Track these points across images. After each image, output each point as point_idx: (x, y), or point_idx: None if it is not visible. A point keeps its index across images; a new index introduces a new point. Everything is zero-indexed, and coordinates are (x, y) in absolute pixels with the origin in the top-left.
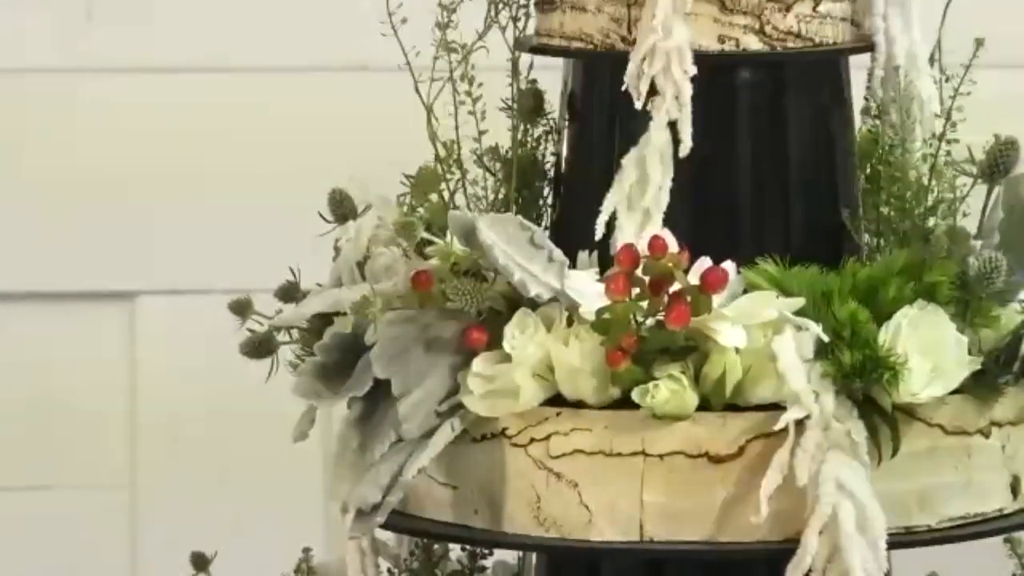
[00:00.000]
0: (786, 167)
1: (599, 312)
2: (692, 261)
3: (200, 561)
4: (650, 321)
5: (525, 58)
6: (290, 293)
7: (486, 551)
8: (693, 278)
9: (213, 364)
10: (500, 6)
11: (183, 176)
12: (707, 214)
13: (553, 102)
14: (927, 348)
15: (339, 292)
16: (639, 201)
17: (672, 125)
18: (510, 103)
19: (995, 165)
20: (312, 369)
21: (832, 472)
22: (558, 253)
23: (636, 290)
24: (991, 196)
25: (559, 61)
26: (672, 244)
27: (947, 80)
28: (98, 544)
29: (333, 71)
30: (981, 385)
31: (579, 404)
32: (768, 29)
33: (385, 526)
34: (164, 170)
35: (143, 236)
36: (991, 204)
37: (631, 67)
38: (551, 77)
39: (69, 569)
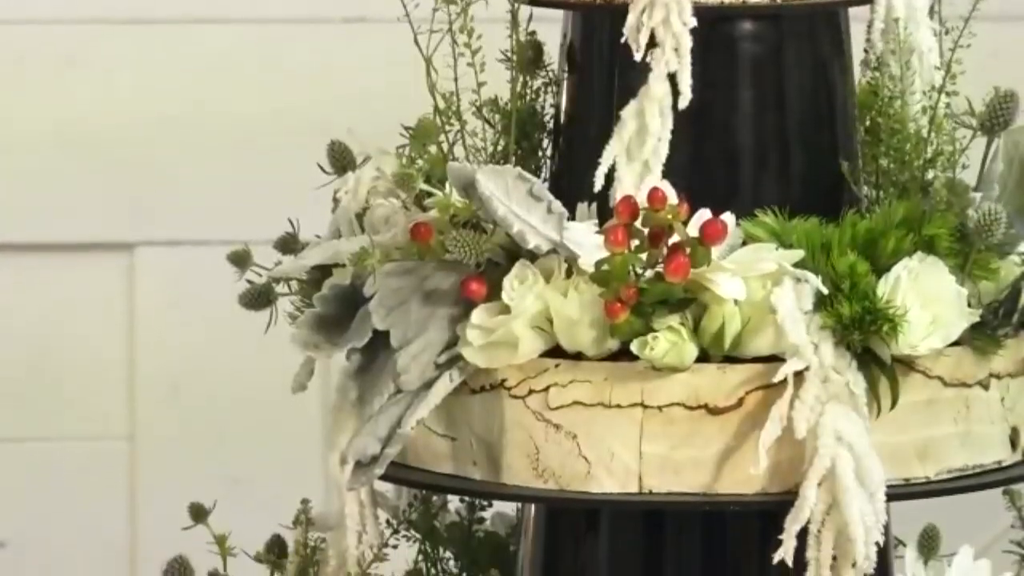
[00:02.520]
0: (785, 119)
1: (598, 264)
2: (691, 213)
3: (199, 512)
4: (649, 273)
5: (524, 9)
6: (289, 244)
7: (485, 502)
8: (692, 230)
9: (212, 315)
10: None
11: (182, 128)
12: (706, 166)
13: (552, 54)
14: (926, 300)
15: (338, 244)
16: (638, 153)
17: (671, 77)
18: (509, 55)
19: (995, 117)
20: (311, 320)
21: (831, 424)
22: (557, 205)
23: (635, 242)
24: (990, 148)
25: (558, 13)
26: (671, 196)
27: (947, 32)
28: (97, 495)
29: (332, 23)
30: (980, 337)
31: (578, 356)
32: None
33: (384, 478)
34: (163, 122)
35: (142, 187)
36: (990, 156)
37: (630, 19)
38: (550, 29)
39: (68, 519)
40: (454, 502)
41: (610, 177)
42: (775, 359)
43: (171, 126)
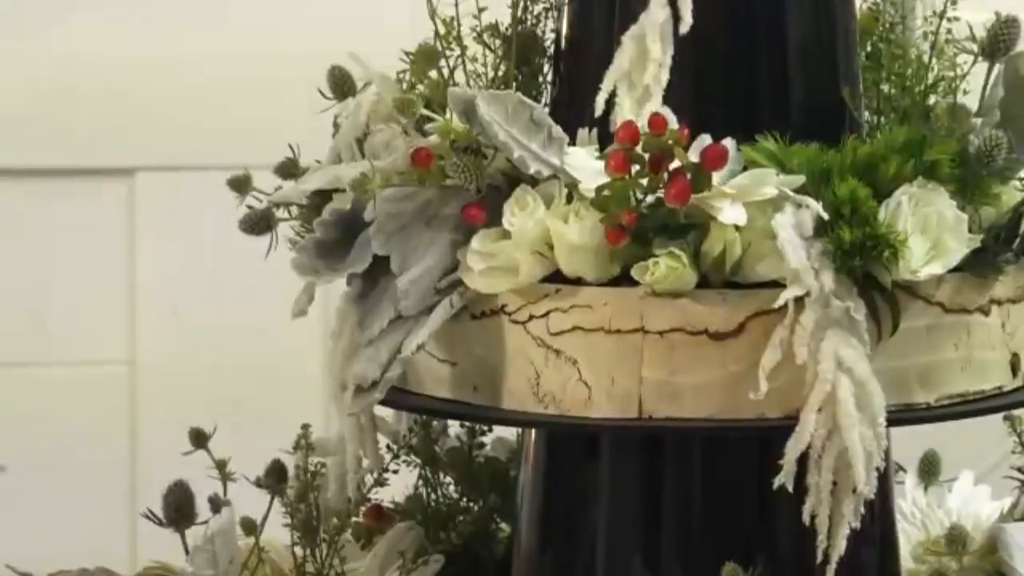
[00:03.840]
0: (786, 44)
1: (599, 189)
2: (692, 139)
3: (199, 437)
4: (650, 198)
5: None
6: (289, 169)
7: (485, 427)
8: (693, 155)
9: (212, 240)
10: None
11: (183, 52)
12: (707, 91)
13: None
14: (927, 226)
15: (338, 169)
16: (639, 78)
17: (672, 2)
18: None
19: (996, 43)
20: (311, 245)
21: (831, 349)
22: (557, 130)
23: (636, 167)
24: (992, 74)
25: None
26: (672, 121)
27: None
28: (97, 420)
29: None
30: (981, 263)
31: (578, 281)
32: None
33: (384, 402)
34: (164, 47)
35: (143, 112)
36: (992, 82)
37: None
38: None
39: (68, 444)
40: (454, 427)
41: (611, 102)
42: (776, 285)
43: (172, 52)
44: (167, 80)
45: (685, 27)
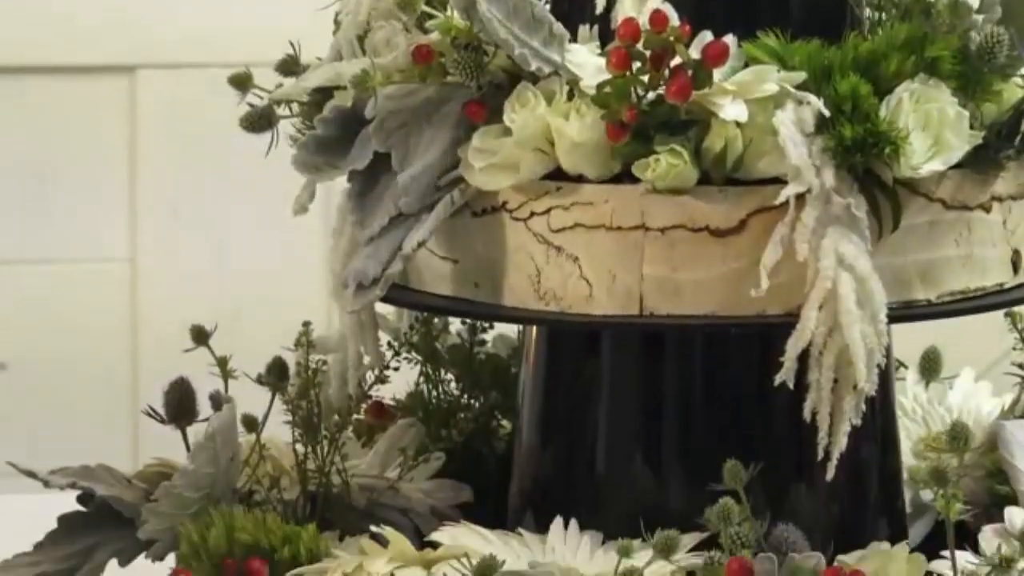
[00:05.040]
0: None
1: (600, 86)
2: (693, 35)
3: (200, 334)
4: (651, 95)
5: None
6: (290, 67)
7: (486, 324)
8: (694, 52)
9: (213, 138)
10: None
11: None
12: None
13: None
14: (928, 122)
15: (339, 66)
16: None
17: None
18: None
19: None
20: (312, 143)
21: (832, 246)
22: (559, 27)
23: (636, 64)
24: None
25: None
26: (673, 18)
27: None
28: (98, 317)
29: None
30: (982, 160)
31: (579, 178)
32: None
33: (385, 300)
34: None
35: (143, 9)
36: None
37: None
38: None
39: (69, 342)
40: (455, 324)
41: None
42: (777, 182)
43: None
44: None
45: None
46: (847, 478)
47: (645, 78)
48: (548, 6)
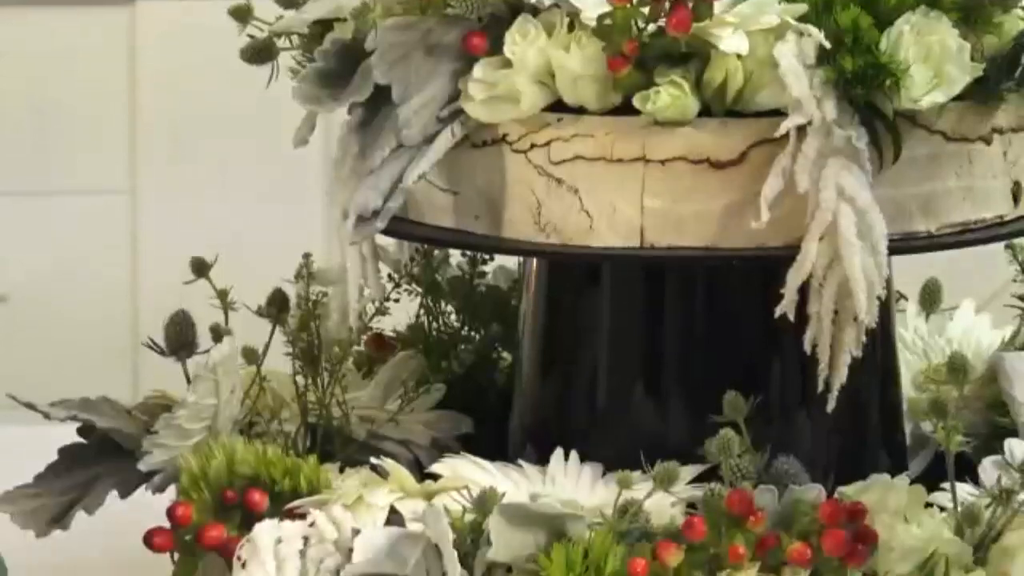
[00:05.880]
0: None
1: (600, 18)
2: None
3: (200, 266)
4: (651, 27)
5: None
6: None
7: (486, 256)
8: None
9: (213, 70)
10: None
11: None
12: None
13: None
14: (929, 55)
15: None
16: None
17: None
18: None
19: None
20: (312, 75)
21: (833, 178)
22: None
23: None
24: None
25: None
26: None
27: None
28: (99, 249)
29: None
30: (983, 92)
31: (580, 110)
32: None
33: (385, 232)
34: None
35: None
36: None
37: None
38: None
39: (69, 274)
40: (456, 256)
41: None
42: (778, 114)
43: None
44: None
45: None
46: (847, 410)
47: (646, 10)
48: None
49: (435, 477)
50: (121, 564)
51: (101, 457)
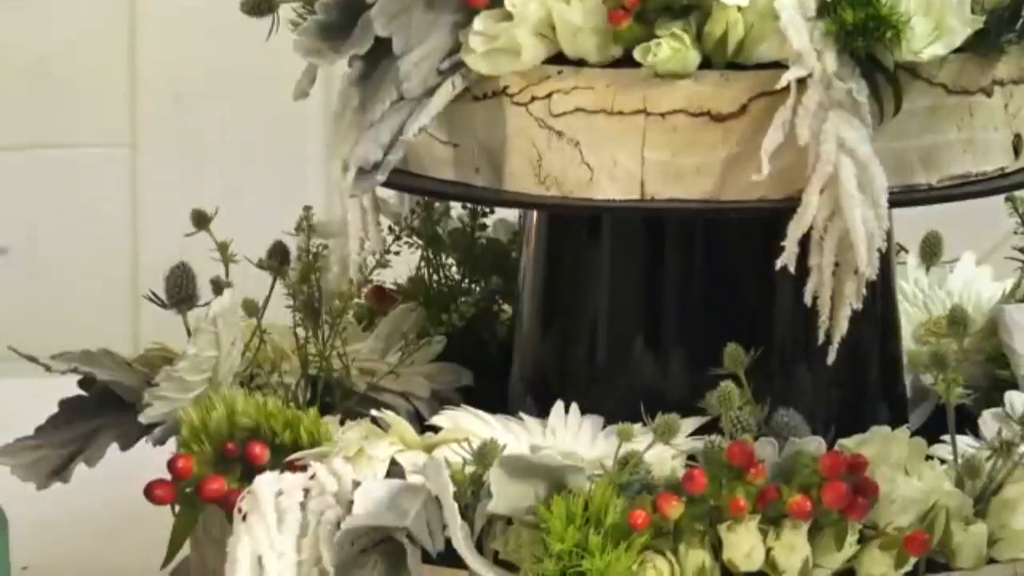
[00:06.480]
0: None
1: None
2: None
3: (200, 218)
4: None
5: None
6: None
7: (487, 209)
8: None
9: (214, 23)
10: None
11: None
12: None
13: None
14: (930, 7)
15: None
16: None
17: None
18: None
19: None
20: (313, 27)
21: (833, 130)
22: None
23: None
24: None
25: None
26: None
27: None
28: (99, 202)
29: None
30: (984, 44)
31: (581, 62)
32: None
33: (386, 184)
34: None
35: None
36: None
37: None
38: None
39: (70, 227)
40: (456, 209)
41: None
42: (778, 66)
43: None
44: None
45: None
46: (848, 362)
47: None
48: None
49: (435, 429)
50: (122, 516)
51: (102, 409)
